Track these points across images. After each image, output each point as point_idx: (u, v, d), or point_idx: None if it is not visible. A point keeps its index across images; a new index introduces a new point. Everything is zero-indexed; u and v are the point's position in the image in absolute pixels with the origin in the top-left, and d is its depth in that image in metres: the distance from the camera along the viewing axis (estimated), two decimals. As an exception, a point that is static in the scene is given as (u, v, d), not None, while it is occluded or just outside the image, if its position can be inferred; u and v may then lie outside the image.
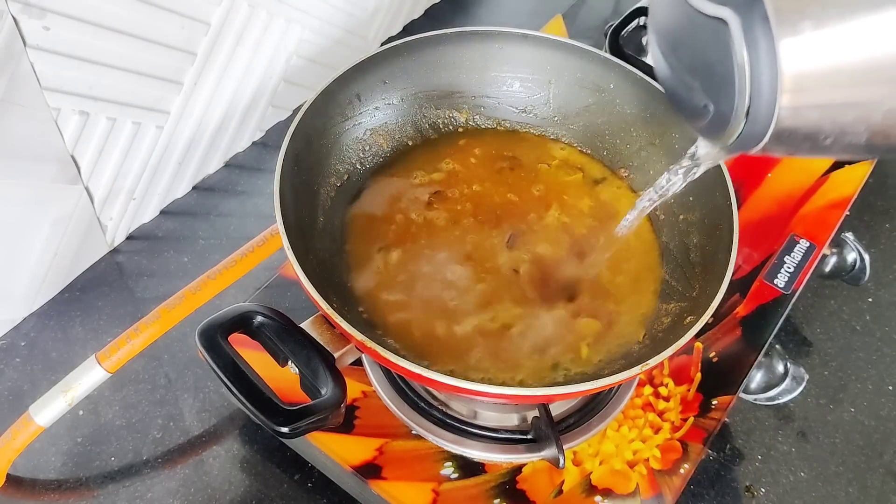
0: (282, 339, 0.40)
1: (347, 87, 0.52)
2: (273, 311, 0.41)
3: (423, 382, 0.47)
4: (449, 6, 0.88)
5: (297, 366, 0.39)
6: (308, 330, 0.40)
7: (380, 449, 0.48)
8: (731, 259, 0.43)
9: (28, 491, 0.50)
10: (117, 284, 0.61)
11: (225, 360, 0.37)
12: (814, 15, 0.28)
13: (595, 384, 0.39)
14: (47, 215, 0.56)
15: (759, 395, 0.54)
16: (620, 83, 0.54)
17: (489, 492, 0.47)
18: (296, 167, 0.47)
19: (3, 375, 0.56)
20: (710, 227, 0.48)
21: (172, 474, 0.51)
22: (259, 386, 0.36)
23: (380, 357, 0.38)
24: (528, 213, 0.52)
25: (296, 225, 0.45)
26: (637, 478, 0.48)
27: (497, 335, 0.46)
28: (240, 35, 0.63)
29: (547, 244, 0.51)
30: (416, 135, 0.56)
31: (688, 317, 0.43)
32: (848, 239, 0.62)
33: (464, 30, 0.54)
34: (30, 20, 0.47)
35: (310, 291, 0.39)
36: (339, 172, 0.52)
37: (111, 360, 0.49)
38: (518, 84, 0.57)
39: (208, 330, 0.38)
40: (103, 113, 0.56)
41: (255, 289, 0.56)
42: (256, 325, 0.40)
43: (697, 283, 0.46)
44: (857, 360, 0.59)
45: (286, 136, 0.46)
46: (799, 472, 0.53)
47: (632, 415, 0.51)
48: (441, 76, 0.56)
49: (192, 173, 0.68)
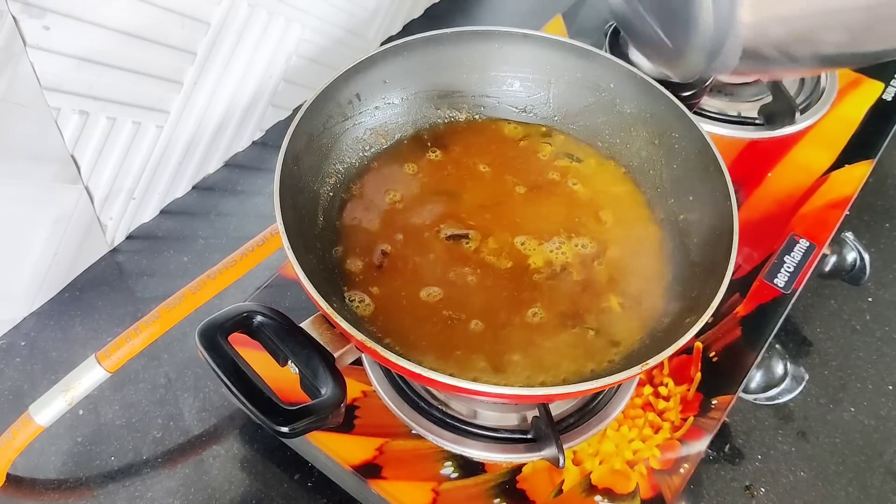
0: (282, 339, 0.40)
1: (347, 87, 0.52)
2: (273, 310, 0.41)
3: (424, 382, 0.47)
4: (449, 6, 0.88)
5: (297, 365, 0.39)
6: (308, 330, 0.40)
7: (380, 448, 0.48)
8: (731, 259, 0.43)
9: (28, 491, 0.50)
10: (117, 284, 0.61)
11: (225, 359, 0.37)
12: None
13: (595, 384, 0.39)
14: (47, 215, 0.56)
15: (758, 394, 0.54)
16: (620, 83, 0.54)
17: (489, 491, 0.47)
18: (296, 167, 0.47)
19: (3, 375, 0.56)
20: (710, 227, 0.48)
21: (172, 474, 0.51)
22: (259, 386, 0.36)
23: (380, 357, 0.38)
24: (530, 210, 0.52)
25: (296, 225, 0.45)
26: (637, 477, 0.48)
27: (496, 336, 0.46)
28: (240, 35, 0.63)
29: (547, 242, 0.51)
30: (416, 134, 0.56)
31: (688, 317, 0.43)
32: (848, 239, 0.62)
33: (464, 29, 0.54)
34: (30, 20, 0.47)
35: (310, 291, 0.39)
36: (338, 172, 0.52)
37: (111, 360, 0.49)
38: (518, 84, 0.57)
39: (208, 330, 0.38)
40: (103, 113, 0.56)
41: (255, 289, 0.56)
42: (256, 325, 0.40)
43: (697, 283, 0.46)
44: (857, 360, 0.59)
45: (286, 136, 0.46)
46: (799, 472, 0.53)
47: (632, 414, 0.51)
48: (441, 76, 0.56)
49: (192, 173, 0.68)
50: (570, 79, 0.56)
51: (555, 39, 0.55)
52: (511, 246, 0.50)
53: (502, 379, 0.44)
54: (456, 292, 0.48)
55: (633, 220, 0.52)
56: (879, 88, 0.73)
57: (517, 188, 0.54)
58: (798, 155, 0.67)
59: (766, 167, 0.66)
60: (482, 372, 0.44)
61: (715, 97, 0.71)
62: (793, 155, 0.67)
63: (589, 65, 0.55)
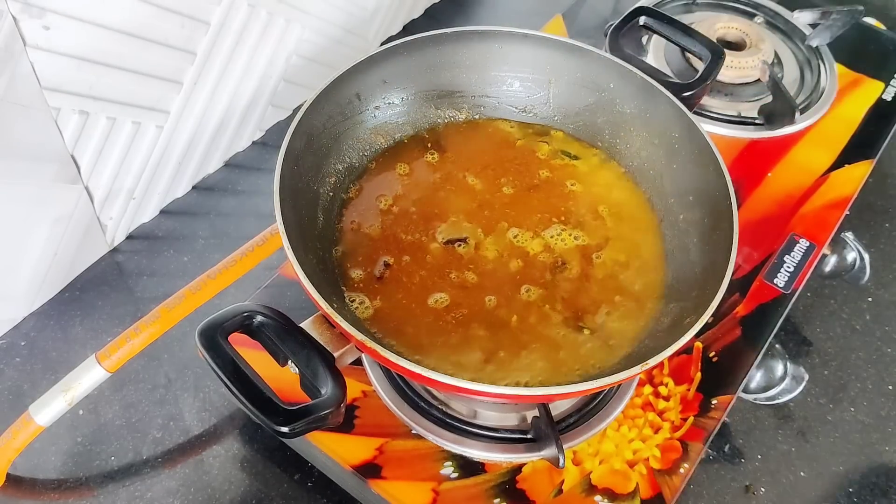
0: (282, 339, 0.40)
1: (347, 87, 0.52)
2: (273, 310, 0.41)
3: (424, 382, 0.47)
4: (449, 6, 0.88)
5: (297, 365, 0.39)
6: (308, 330, 0.40)
7: (380, 448, 0.48)
8: (730, 259, 0.43)
9: (28, 490, 0.50)
10: (117, 284, 0.61)
11: (225, 360, 0.37)
12: None
13: (595, 384, 0.39)
14: (47, 215, 0.56)
15: (758, 394, 0.54)
16: (620, 83, 0.54)
17: (489, 491, 0.47)
18: (295, 167, 0.47)
19: (3, 375, 0.56)
20: (710, 227, 0.48)
21: (172, 474, 0.51)
22: (259, 386, 0.36)
23: (380, 357, 0.38)
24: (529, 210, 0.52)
25: (296, 225, 0.45)
26: (637, 477, 0.48)
27: (495, 336, 0.46)
28: (240, 34, 0.63)
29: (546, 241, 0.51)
30: (416, 134, 0.56)
31: (688, 317, 0.43)
32: (848, 238, 0.62)
33: (464, 29, 0.54)
34: (30, 20, 0.47)
35: (310, 291, 0.39)
36: (338, 172, 0.52)
37: (111, 360, 0.49)
38: (518, 83, 0.57)
39: (208, 330, 0.38)
40: (103, 112, 0.56)
41: (255, 288, 0.56)
42: (256, 325, 0.40)
43: (697, 284, 0.46)
44: (857, 360, 0.59)
45: (286, 136, 0.46)
46: (799, 472, 0.53)
47: (632, 414, 0.51)
48: (441, 76, 0.56)
49: (192, 173, 0.68)
50: (569, 79, 0.56)
51: (554, 39, 0.55)
52: (511, 246, 0.50)
53: (502, 378, 0.44)
54: (455, 294, 0.48)
55: (633, 220, 0.52)
56: (879, 88, 0.73)
57: (517, 188, 0.54)
58: (798, 155, 0.67)
59: (766, 167, 0.66)
60: (482, 372, 0.45)
61: (715, 97, 0.71)
62: (793, 155, 0.67)
63: (589, 65, 0.55)
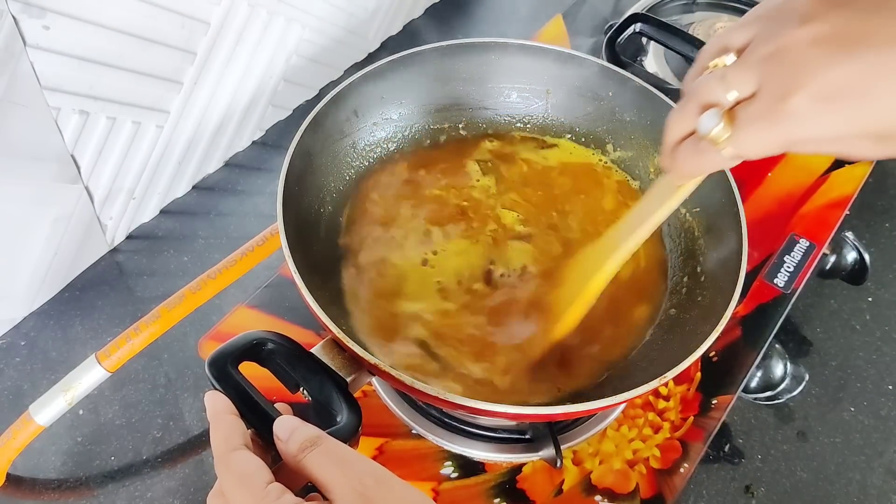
0: (292, 366, 0.38)
1: (345, 103, 0.51)
2: (283, 336, 0.39)
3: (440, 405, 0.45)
4: (449, 6, 0.88)
5: (309, 393, 0.38)
6: (319, 355, 0.39)
7: (380, 448, 0.48)
8: (740, 272, 0.43)
9: (28, 490, 0.50)
10: (117, 284, 0.61)
11: (238, 390, 0.36)
12: None
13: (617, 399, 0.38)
14: (47, 215, 0.56)
15: (758, 394, 0.54)
16: (619, 91, 0.54)
17: (489, 491, 0.47)
18: (297, 188, 0.46)
19: (3, 375, 0.56)
20: (716, 234, 0.48)
21: (172, 474, 0.51)
22: (272, 415, 0.35)
23: (395, 381, 0.38)
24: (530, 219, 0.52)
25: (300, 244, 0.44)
26: (637, 477, 0.48)
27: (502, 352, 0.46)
28: (240, 34, 0.63)
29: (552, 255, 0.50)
30: (415, 148, 0.56)
31: (696, 325, 0.43)
32: (848, 238, 0.62)
33: (460, 42, 0.54)
34: (30, 20, 0.47)
35: (319, 315, 0.39)
36: (337, 189, 0.51)
37: (111, 360, 0.49)
38: (516, 94, 0.57)
39: (218, 360, 0.37)
40: (103, 112, 0.56)
41: (255, 288, 0.56)
42: (266, 353, 0.39)
43: (709, 293, 0.46)
44: (856, 360, 0.59)
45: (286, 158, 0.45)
46: (799, 472, 0.53)
47: (632, 414, 0.51)
48: (438, 89, 0.55)
49: (192, 173, 0.68)
50: (568, 88, 0.56)
51: (552, 49, 0.54)
52: (511, 260, 0.50)
53: (510, 396, 0.43)
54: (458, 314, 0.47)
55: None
56: (879, 88, 0.73)
57: (518, 198, 0.53)
58: (798, 155, 0.67)
59: (766, 167, 0.66)
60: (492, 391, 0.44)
61: (715, 97, 0.71)
62: (793, 155, 0.67)
63: (587, 74, 0.55)
